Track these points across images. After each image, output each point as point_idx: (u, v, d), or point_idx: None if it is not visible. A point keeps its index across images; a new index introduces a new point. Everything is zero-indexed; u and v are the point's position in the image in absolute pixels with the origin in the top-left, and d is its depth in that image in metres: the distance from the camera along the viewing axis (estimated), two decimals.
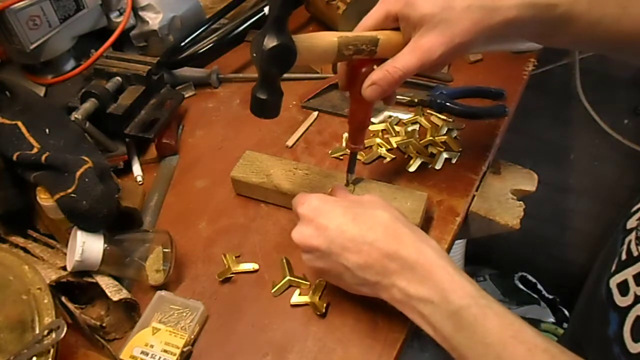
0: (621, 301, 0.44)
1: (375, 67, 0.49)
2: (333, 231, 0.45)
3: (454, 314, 0.39)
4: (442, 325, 0.40)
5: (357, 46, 0.49)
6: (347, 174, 0.59)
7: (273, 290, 0.53)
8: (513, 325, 0.38)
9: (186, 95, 0.80)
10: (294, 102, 0.78)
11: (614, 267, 0.47)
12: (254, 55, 0.46)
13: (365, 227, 0.44)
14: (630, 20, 0.46)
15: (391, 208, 0.47)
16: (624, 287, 0.44)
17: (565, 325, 1.39)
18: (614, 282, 0.46)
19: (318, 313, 0.51)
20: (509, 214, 0.60)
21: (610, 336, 0.44)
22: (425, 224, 0.58)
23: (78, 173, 0.50)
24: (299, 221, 0.48)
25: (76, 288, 0.52)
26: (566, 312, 1.43)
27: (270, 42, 0.43)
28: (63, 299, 0.50)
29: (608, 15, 0.46)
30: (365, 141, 0.69)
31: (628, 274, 0.44)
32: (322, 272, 0.49)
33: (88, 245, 0.50)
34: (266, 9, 0.85)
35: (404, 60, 0.47)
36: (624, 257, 0.46)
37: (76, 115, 0.63)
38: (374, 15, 0.50)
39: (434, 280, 0.41)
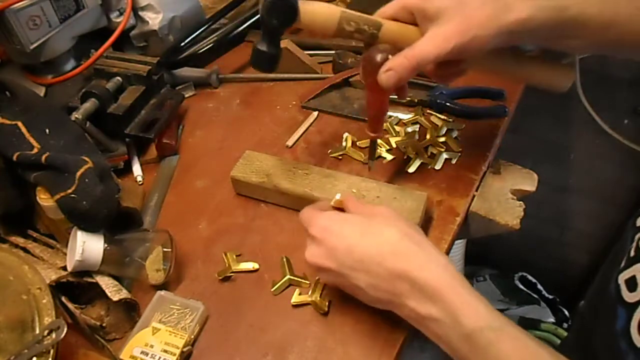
0: (629, 297, 0.44)
1: (390, 56, 0.50)
2: (342, 252, 0.45)
3: (467, 337, 0.39)
4: (457, 346, 0.40)
5: (359, 25, 0.50)
6: (369, 161, 0.63)
7: (273, 289, 0.53)
8: (528, 349, 0.38)
9: (186, 95, 0.80)
10: (294, 102, 0.78)
11: (623, 263, 0.47)
12: (260, 8, 0.50)
13: (374, 245, 0.44)
14: None
15: (402, 223, 0.46)
16: (632, 283, 0.45)
17: (565, 325, 1.39)
18: (622, 277, 0.46)
19: (321, 312, 0.51)
20: (509, 214, 0.60)
21: (617, 331, 0.44)
22: (425, 224, 0.58)
23: (78, 173, 0.50)
24: (310, 241, 0.48)
25: (76, 288, 0.52)
26: (566, 312, 1.43)
27: None
28: (63, 299, 0.50)
29: (621, 15, 0.46)
30: (364, 141, 0.70)
31: (636, 269, 0.45)
32: (340, 287, 0.49)
33: (88, 245, 0.50)
34: None
35: (420, 48, 0.48)
36: (632, 253, 0.46)
37: (76, 115, 0.63)
38: (390, 6, 0.51)
39: (444, 301, 0.41)
